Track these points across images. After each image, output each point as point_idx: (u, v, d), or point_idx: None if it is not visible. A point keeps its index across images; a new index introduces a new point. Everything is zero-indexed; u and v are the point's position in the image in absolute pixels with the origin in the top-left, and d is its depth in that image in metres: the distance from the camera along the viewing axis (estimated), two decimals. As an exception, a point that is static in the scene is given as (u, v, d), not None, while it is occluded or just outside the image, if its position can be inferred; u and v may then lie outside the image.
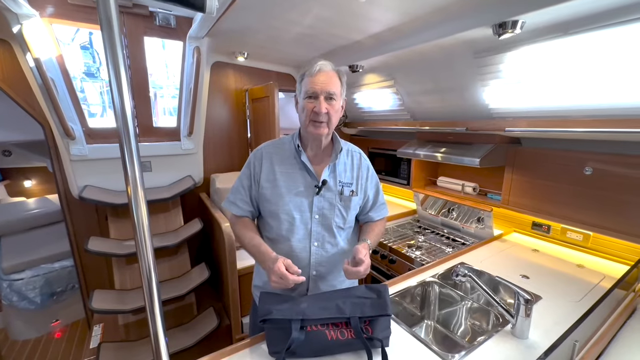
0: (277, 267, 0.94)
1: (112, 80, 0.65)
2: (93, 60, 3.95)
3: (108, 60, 0.63)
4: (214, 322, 1.87)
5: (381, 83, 2.16)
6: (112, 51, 0.62)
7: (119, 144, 0.68)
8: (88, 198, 1.75)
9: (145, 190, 0.71)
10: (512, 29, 1.15)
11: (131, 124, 0.67)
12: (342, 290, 1.06)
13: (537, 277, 1.48)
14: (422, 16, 1.36)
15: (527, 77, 1.39)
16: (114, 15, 0.61)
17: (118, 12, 0.62)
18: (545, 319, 1.16)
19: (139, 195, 0.70)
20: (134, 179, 0.69)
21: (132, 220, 0.70)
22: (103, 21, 0.61)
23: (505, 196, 1.89)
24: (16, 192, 4.29)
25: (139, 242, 0.70)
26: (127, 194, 0.71)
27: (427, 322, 1.48)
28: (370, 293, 1.01)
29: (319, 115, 1.02)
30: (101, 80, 4.20)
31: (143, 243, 0.72)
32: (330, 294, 1.02)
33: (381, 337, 0.95)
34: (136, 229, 0.70)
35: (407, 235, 2.25)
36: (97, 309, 1.61)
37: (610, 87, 1.19)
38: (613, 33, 1.04)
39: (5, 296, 2.50)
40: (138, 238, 0.70)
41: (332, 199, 1.11)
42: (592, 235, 1.71)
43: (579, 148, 1.54)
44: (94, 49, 3.85)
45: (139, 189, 0.70)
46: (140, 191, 0.71)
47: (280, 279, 0.94)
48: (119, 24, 0.62)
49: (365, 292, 1.01)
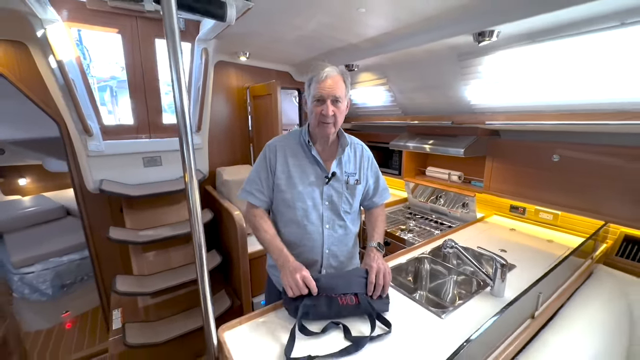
0: (299, 278, 1.05)
1: (174, 83, 0.81)
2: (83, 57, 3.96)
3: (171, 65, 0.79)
4: (227, 303, 2.04)
5: (375, 81, 2.34)
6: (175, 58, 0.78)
7: (179, 137, 0.85)
8: (107, 190, 1.87)
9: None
10: (489, 37, 1.35)
11: (189, 120, 0.84)
12: (347, 272, 1.21)
13: (513, 251, 1.71)
14: (413, 24, 1.54)
15: (502, 77, 1.60)
16: (175, 27, 0.77)
17: (178, 26, 0.78)
18: (519, 283, 1.37)
19: (194, 181, 0.86)
20: (189, 167, 0.86)
21: (187, 201, 0.87)
22: (168, 32, 0.77)
23: (486, 182, 2.10)
24: (10, 191, 4.28)
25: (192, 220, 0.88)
26: (184, 180, 0.88)
27: (420, 292, 1.69)
28: None
29: (326, 117, 1.14)
30: (92, 77, 4.20)
31: (195, 221, 0.89)
32: (338, 275, 1.18)
33: (380, 307, 1.12)
34: (190, 210, 0.87)
35: (399, 220, 2.47)
36: (122, 291, 1.75)
37: (573, 87, 1.41)
38: (571, 42, 1.26)
39: (17, 289, 2.59)
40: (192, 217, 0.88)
41: (339, 188, 1.26)
42: (560, 214, 1.95)
43: (548, 139, 1.77)
44: (83, 45, 3.88)
45: (194, 177, 0.86)
46: (194, 177, 0.87)
47: (295, 284, 1.05)
48: (179, 33, 0.79)
49: (363, 272, 1.15)
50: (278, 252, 1.16)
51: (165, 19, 0.74)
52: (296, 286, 1.05)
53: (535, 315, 1.16)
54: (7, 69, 1.77)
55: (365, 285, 1.11)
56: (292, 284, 1.05)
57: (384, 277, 1.12)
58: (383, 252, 1.25)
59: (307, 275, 1.07)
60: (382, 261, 1.17)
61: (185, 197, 0.89)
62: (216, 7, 1.22)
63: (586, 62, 1.29)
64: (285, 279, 1.08)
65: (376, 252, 1.21)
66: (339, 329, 1.08)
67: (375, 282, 1.11)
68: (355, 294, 1.10)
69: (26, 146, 3.83)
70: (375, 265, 1.14)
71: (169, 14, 0.74)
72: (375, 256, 1.18)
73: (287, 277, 1.07)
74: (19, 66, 1.80)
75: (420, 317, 1.16)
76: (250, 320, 1.14)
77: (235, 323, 1.12)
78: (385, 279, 1.12)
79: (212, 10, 1.22)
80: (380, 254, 1.21)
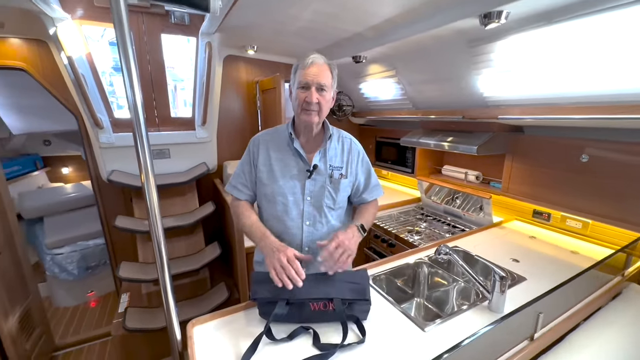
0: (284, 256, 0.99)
1: (124, 75, 0.79)
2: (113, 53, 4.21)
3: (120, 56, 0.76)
4: (224, 295, 2.07)
5: (384, 73, 2.21)
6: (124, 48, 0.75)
7: (132, 133, 0.81)
8: (115, 181, 1.97)
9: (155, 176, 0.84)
10: (497, 19, 1.19)
11: (142, 115, 0.81)
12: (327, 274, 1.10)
13: (527, 261, 1.52)
14: (415, 8, 1.41)
15: (516, 65, 1.41)
16: (124, 15, 0.74)
17: (128, 12, 0.74)
18: (526, 298, 1.22)
19: (150, 181, 0.83)
20: (145, 166, 0.83)
21: (145, 201, 0.84)
22: (115, 21, 0.74)
23: (505, 184, 1.90)
24: (55, 178, 4.71)
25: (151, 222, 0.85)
26: (141, 180, 0.85)
27: (417, 299, 1.57)
28: (354, 278, 1.08)
29: (310, 105, 1.09)
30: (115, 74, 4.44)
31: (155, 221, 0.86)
32: (317, 277, 1.07)
33: (359, 314, 1.04)
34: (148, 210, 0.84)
35: (409, 221, 2.33)
36: (124, 277, 1.85)
37: (598, 74, 1.20)
38: (596, 20, 1.06)
39: (49, 268, 2.84)
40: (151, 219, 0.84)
41: (322, 182, 1.20)
42: (591, 223, 1.71)
43: (574, 135, 1.55)
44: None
45: (150, 175, 0.83)
46: (151, 176, 0.84)
47: (279, 264, 0.98)
48: (129, 23, 0.75)
49: (348, 277, 1.08)
50: (260, 235, 1.12)
51: (113, 8, 0.71)
52: (281, 266, 0.97)
53: (535, 337, 1.01)
54: (31, 65, 1.91)
55: (346, 290, 1.04)
56: (277, 264, 0.98)
57: (341, 255, 1.03)
58: (363, 235, 1.16)
59: (292, 256, 1.00)
60: (353, 241, 1.08)
61: (143, 195, 0.86)
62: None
63: (613, 44, 1.08)
64: (269, 259, 1.02)
65: (355, 232, 1.12)
66: (309, 334, 1.02)
67: (330, 252, 1.03)
68: (332, 299, 1.02)
69: (67, 138, 4.18)
70: (341, 237, 1.05)
71: (116, 3, 0.71)
72: (351, 233, 1.09)
73: (271, 259, 1.01)
74: (41, 63, 1.93)
75: (401, 328, 1.07)
76: (224, 316, 1.12)
77: (206, 318, 1.11)
78: (342, 258, 1.03)
79: (195, 1, 1.19)
80: (358, 235, 1.13)
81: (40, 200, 3.42)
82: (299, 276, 0.97)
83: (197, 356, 0.94)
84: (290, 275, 0.97)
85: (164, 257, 0.91)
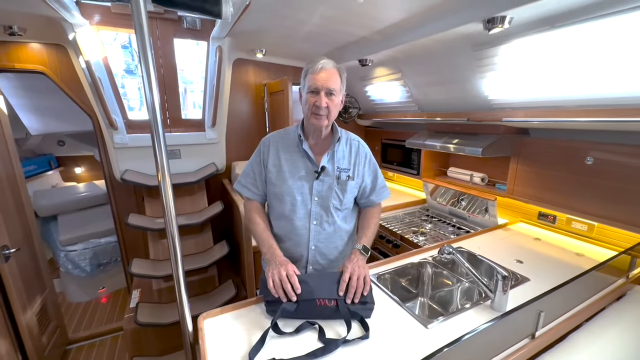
0: (284, 273, 1.04)
1: (144, 77, 0.83)
2: (132, 58, 4.32)
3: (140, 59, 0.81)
4: (231, 292, 2.12)
5: (390, 76, 2.24)
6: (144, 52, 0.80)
7: (150, 134, 0.86)
8: (128, 180, 2.04)
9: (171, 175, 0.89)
10: (500, 24, 1.21)
11: (159, 116, 0.86)
12: (333, 274, 1.14)
13: (531, 263, 1.54)
14: (420, 13, 1.44)
15: (520, 69, 1.44)
16: (144, 21, 0.79)
17: (148, 18, 0.80)
18: (527, 298, 1.23)
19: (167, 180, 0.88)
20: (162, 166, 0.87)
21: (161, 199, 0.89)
22: (137, 28, 0.79)
23: (510, 186, 1.91)
24: (69, 178, 4.84)
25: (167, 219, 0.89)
26: (157, 179, 0.90)
27: (421, 299, 1.59)
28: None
29: (319, 109, 1.12)
30: (139, 77, 4.56)
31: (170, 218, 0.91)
32: (323, 277, 1.14)
33: (363, 312, 1.08)
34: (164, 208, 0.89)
35: (414, 223, 2.35)
36: (135, 273, 1.91)
37: (602, 78, 1.22)
38: (599, 25, 1.08)
39: (63, 264, 2.93)
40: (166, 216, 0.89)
41: (330, 183, 1.23)
42: (596, 225, 1.71)
43: (580, 138, 1.56)
44: (132, 48, 4.23)
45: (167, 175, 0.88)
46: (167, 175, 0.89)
47: (278, 278, 1.04)
48: (149, 29, 0.80)
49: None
50: (267, 246, 1.18)
51: (134, 15, 0.76)
52: (279, 280, 1.04)
53: (536, 336, 1.03)
54: (50, 69, 2.00)
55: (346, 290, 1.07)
56: (276, 277, 1.05)
57: (357, 281, 1.07)
58: (367, 256, 1.20)
59: (292, 272, 1.06)
60: (360, 264, 1.12)
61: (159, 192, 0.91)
62: (212, 5, 1.24)
63: (616, 48, 1.10)
64: (270, 271, 1.08)
65: (358, 255, 1.16)
66: (314, 329, 1.06)
67: (348, 284, 1.07)
68: (335, 299, 1.06)
69: (80, 139, 4.31)
70: (350, 266, 1.10)
71: (137, 11, 0.76)
72: (355, 258, 1.14)
73: (272, 270, 1.08)
74: (60, 66, 2.02)
75: (404, 325, 1.09)
76: (234, 310, 1.17)
77: (216, 312, 1.15)
78: (359, 283, 1.07)
79: (208, 7, 1.24)
80: (362, 258, 1.17)
81: (55, 198, 3.53)
82: (295, 291, 1.04)
83: (208, 347, 0.98)
84: (286, 289, 1.03)
85: (177, 250, 0.96)
